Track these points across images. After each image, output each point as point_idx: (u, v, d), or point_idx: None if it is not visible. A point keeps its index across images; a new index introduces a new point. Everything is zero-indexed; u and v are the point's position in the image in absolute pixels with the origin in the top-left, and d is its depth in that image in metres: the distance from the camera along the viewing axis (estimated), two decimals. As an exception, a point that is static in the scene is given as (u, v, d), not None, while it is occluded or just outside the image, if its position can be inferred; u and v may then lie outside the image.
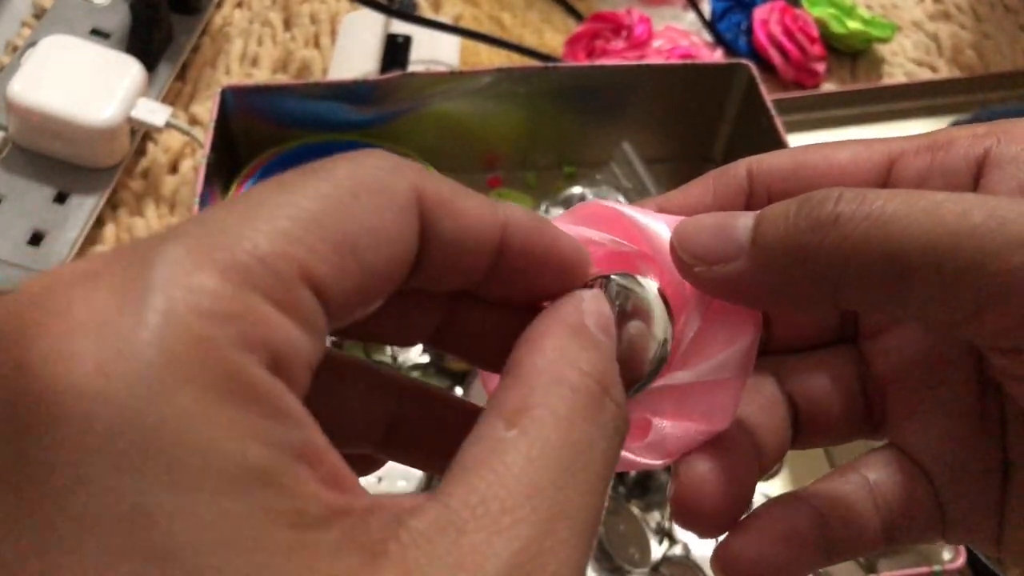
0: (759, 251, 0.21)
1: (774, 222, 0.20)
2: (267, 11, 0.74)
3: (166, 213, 0.62)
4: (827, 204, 0.20)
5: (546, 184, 0.64)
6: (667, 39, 0.73)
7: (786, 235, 0.20)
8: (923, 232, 0.19)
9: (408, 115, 0.60)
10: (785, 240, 0.20)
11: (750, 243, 0.21)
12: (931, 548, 0.44)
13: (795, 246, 0.20)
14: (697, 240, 0.21)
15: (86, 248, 0.59)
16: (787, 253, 0.20)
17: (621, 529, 0.48)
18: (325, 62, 0.70)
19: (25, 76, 0.58)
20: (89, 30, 0.67)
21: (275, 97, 0.57)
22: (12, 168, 0.59)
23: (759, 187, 0.24)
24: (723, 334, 0.22)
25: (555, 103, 0.61)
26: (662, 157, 0.64)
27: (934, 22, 0.81)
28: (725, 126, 0.64)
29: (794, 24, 0.74)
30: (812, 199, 0.20)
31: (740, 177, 0.24)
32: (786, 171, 0.24)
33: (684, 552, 0.48)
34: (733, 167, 0.24)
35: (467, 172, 0.63)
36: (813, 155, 0.24)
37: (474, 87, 0.59)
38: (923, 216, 0.19)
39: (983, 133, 0.23)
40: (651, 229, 0.23)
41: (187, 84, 0.69)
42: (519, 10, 0.77)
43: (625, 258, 0.23)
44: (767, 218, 0.21)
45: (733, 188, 0.24)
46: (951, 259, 0.18)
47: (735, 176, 0.24)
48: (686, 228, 0.22)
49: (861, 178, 0.23)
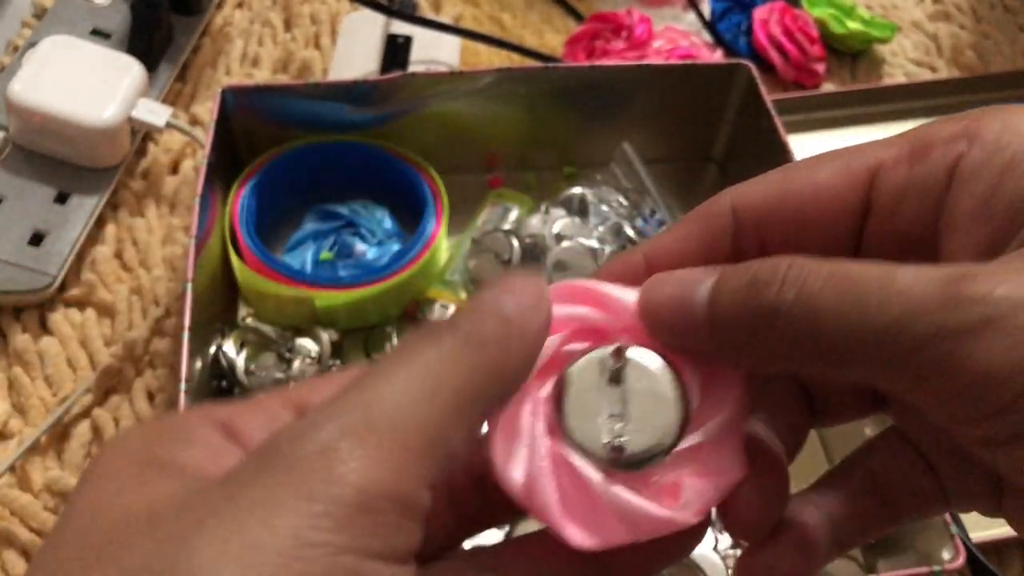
0: (716, 330, 0.22)
1: (727, 303, 0.21)
2: (267, 11, 0.74)
3: (167, 213, 0.62)
4: (770, 290, 0.20)
5: (546, 184, 0.64)
6: (667, 39, 0.73)
7: (737, 319, 0.21)
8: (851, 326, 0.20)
9: (408, 115, 0.60)
10: (737, 322, 0.21)
11: (707, 321, 0.22)
12: (931, 548, 0.45)
13: (747, 330, 0.21)
14: (660, 315, 0.23)
15: (87, 248, 0.59)
16: (741, 334, 0.21)
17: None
18: (325, 62, 0.71)
19: (26, 76, 0.58)
20: (90, 30, 0.67)
21: (276, 97, 0.57)
22: (13, 168, 0.59)
23: (746, 223, 0.24)
24: (719, 392, 0.24)
25: (555, 103, 0.61)
26: (662, 157, 0.64)
27: (934, 22, 0.81)
28: (725, 126, 0.64)
29: (794, 24, 0.74)
30: (758, 281, 0.21)
31: (725, 215, 0.24)
32: (771, 202, 0.24)
33: (684, 552, 0.48)
34: (716, 204, 0.25)
35: (467, 172, 0.64)
36: (796, 179, 0.24)
37: (474, 87, 0.59)
38: (852, 308, 0.20)
39: (958, 133, 0.23)
40: (625, 301, 0.24)
41: (187, 84, 0.69)
42: (519, 10, 0.77)
43: (610, 331, 0.24)
44: (721, 296, 0.21)
45: (718, 229, 0.25)
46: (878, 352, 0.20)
47: (719, 215, 0.25)
48: (649, 300, 0.23)
49: (844, 202, 0.24)
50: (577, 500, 0.22)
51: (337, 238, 0.59)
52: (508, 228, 0.59)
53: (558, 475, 0.22)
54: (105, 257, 0.59)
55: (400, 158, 0.59)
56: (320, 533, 0.17)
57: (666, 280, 0.23)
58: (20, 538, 0.48)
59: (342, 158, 0.60)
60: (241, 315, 0.57)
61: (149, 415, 0.53)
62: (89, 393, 0.53)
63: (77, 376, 0.54)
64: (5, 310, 0.57)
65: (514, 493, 0.22)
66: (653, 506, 0.22)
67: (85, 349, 0.55)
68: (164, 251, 0.60)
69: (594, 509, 0.22)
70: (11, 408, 0.53)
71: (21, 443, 0.51)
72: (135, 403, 0.53)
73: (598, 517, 0.22)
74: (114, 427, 0.52)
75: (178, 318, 0.56)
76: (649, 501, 0.22)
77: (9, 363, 0.55)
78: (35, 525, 0.49)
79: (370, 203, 0.60)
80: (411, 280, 0.55)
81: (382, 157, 0.60)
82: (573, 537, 0.22)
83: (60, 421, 0.52)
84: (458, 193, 0.59)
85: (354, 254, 0.58)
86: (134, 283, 0.58)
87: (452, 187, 0.59)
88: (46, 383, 0.54)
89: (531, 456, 0.22)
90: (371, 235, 0.59)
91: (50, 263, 0.56)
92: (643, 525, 0.22)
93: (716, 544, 0.49)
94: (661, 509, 0.22)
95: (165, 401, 0.53)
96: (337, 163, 0.60)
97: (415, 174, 0.59)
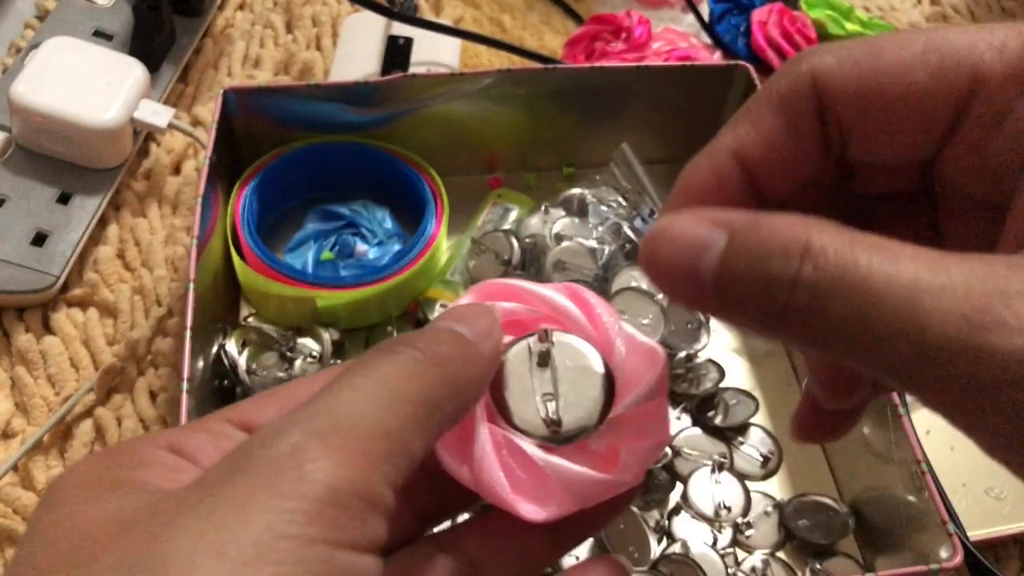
0: (723, 307, 0.20)
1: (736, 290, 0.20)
2: (269, 13, 0.74)
3: (168, 214, 0.62)
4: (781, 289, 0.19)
5: (546, 185, 0.65)
6: (666, 41, 0.73)
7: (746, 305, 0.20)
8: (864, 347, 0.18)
9: (409, 116, 0.60)
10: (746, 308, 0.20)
11: (714, 297, 0.20)
12: (929, 547, 0.45)
13: (755, 316, 0.20)
14: (663, 279, 0.21)
15: (89, 248, 0.59)
16: (748, 318, 0.20)
17: (620, 528, 0.49)
18: (327, 64, 0.71)
19: (28, 77, 0.58)
20: (92, 32, 0.67)
21: (277, 99, 0.57)
22: (15, 169, 0.60)
23: (832, 108, 0.22)
24: (642, 360, 0.26)
25: (555, 104, 0.61)
26: (661, 158, 0.64)
27: (931, 24, 0.82)
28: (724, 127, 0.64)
29: (792, 26, 0.74)
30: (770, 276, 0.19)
31: (807, 98, 0.22)
32: (859, 91, 0.22)
33: (683, 550, 0.48)
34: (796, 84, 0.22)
35: (467, 173, 0.64)
36: (887, 70, 0.21)
37: (474, 89, 0.59)
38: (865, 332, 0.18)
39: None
40: (548, 295, 0.26)
41: (189, 85, 0.70)
42: (519, 12, 0.77)
43: (532, 322, 0.27)
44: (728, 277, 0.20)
45: (804, 113, 0.23)
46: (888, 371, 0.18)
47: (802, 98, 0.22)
48: (651, 261, 0.21)
49: (936, 112, 0.21)
50: (524, 478, 0.24)
51: (338, 238, 0.59)
52: (508, 228, 0.59)
53: (502, 457, 0.24)
54: (107, 257, 0.59)
55: (401, 159, 0.60)
56: (292, 526, 0.18)
57: (670, 240, 0.21)
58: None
59: (343, 159, 0.60)
60: (243, 315, 0.57)
61: (151, 414, 0.53)
62: (92, 392, 0.53)
63: (80, 375, 0.55)
64: (8, 310, 0.57)
65: (464, 481, 0.24)
66: (595, 473, 0.24)
67: (87, 349, 0.56)
68: (166, 251, 0.60)
69: (541, 483, 0.24)
70: (14, 407, 0.54)
71: (24, 442, 0.52)
72: (137, 402, 0.53)
73: (546, 490, 0.24)
74: (116, 426, 0.52)
75: (180, 318, 0.56)
76: (591, 469, 0.24)
77: (12, 362, 0.55)
78: (38, 523, 0.49)
79: (371, 203, 0.60)
80: (412, 280, 0.55)
81: (383, 158, 0.60)
82: (526, 513, 0.23)
83: (63, 420, 0.53)
84: (458, 193, 0.60)
85: (355, 254, 0.58)
86: (136, 283, 0.58)
87: (452, 187, 0.59)
88: (49, 382, 0.54)
89: (475, 443, 0.24)
90: (372, 235, 0.59)
91: (53, 263, 0.57)
92: (589, 491, 0.24)
93: (715, 543, 0.49)
94: (603, 475, 0.24)
95: (167, 400, 0.54)
96: (338, 164, 0.60)
97: (416, 174, 0.59)
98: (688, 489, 0.51)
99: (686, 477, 0.51)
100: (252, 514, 0.18)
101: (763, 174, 0.24)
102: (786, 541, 0.50)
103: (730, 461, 0.52)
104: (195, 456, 0.22)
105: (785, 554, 0.50)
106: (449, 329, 0.23)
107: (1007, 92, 0.20)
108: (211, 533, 0.18)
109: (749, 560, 0.49)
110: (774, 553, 0.49)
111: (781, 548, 0.50)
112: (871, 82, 0.22)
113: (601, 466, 0.25)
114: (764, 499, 0.51)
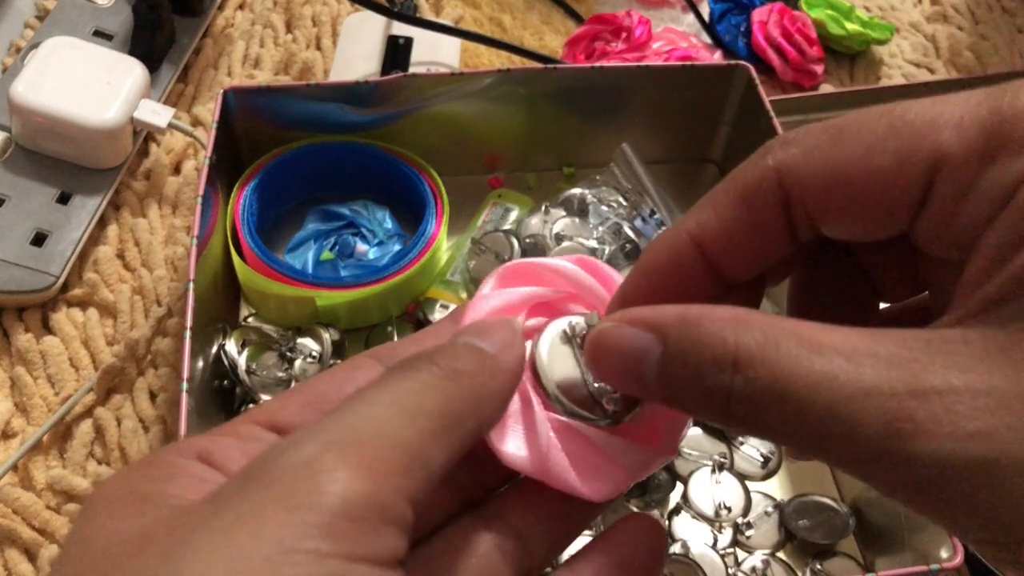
0: (676, 407, 0.22)
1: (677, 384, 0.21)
2: (269, 13, 0.74)
3: (168, 214, 0.62)
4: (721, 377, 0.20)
5: (546, 185, 0.65)
6: (666, 41, 0.73)
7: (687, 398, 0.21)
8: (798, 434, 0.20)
9: (409, 116, 0.60)
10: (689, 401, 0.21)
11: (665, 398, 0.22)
12: (929, 547, 0.45)
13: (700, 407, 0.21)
14: (616, 383, 0.24)
15: (89, 248, 0.59)
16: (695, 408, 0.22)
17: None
18: (327, 64, 0.71)
19: (28, 77, 0.58)
20: (92, 31, 0.67)
21: (277, 98, 0.57)
22: (15, 169, 0.60)
23: (796, 198, 0.23)
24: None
25: (555, 104, 0.61)
26: (661, 158, 0.64)
27: (932, 24, 0.82)
28: (724, 127, 0.64)
29: (792, 26, 0.74)
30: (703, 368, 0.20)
31: (772, 191, 0.23)
32: (823, 179, 0.22)
33: (683, 550, 0.48)
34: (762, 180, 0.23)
35: (468, 173, 0.64)
36: (849, 158, 0.22)
37: (475, 88, 0.59)
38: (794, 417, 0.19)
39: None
40: (570, 270, 0.27)
41: (189, 85, 0.70)
42: (519, 12, 0.77)
43: (560, 302, 0.27)
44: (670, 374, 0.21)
45: (767, 204, 0.23)
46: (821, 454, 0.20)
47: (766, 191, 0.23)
48: (601, 367, 0.23)
49: (901, 193, 0.22)
50: (585, 460, 0.25)
51: (338, 238, 0.59)
52: (508, 228, 0.59)
53: (565, 443, 0.25)
54: (107, 257, 0.59)
55: (401, 159, 0.60)
56: (306, 540, 0.18)
57: (609, 349, 0.23)
58: (22, 537, 0.49)
59: (343, 159, 0.60)
60: (243, 315, 0.57)
61: (151, 414, 0.53)
62: (91, 392, 0.53)
63: (79, 375, 0.55)
64: (8, 310, 0.57)
65: (525, 469, 0.24)
66: (648, 450, 0.25)
67: (87, 349, 0.56)
68: (166, 251, 0.60)
69: (601, 464, 0.25)
70: (13, 407, 0.54)
71: (24, 442, 0.52)
72: (137, 402, 0.53)
73: (606, 471, 0.25)
74: (116, 426, 0.52)
75: (180, 318, 0.56)
76: (644, 446, 0.25)
77: (12, 362, 0.55)
78: (37, 524, 0.49)
79: (371, 203, 0.60)
80: (412, 280, 0.55)
81: (383, 158, 0.60)
82: (591, 493, 0.24)
83: (62, 420, 0.53)
84: (458, 193, 0.60)
85: (355, 254, 0.58)
86: (136, 283, 0.58)
87: (452, 187, 0.59)
88: (48, 382, 0.54)
89: (537, 432, 0.24)
90: (372, 235, 0.59)
91: (52, 263, 0.57)
92: (642, 467, 0.25)
93: (715, 543, 0.49)
94: (653, 452, 0.25)
95: (167, 400, 0.54)
96: (338, 164, 0.60)
97: (416, 174, 0.59)
98: (688, 489, 0.51)
99: (686, 477, 0.51)
100: (265, 528, 0.18)
101: (723, 259, 0.24)
102: (786, 541, 0.50)
103: (730, 461, 0.52)
104: (222, 463, 0.22)
105: (785, 554, 0.50)
106: (468, 344, 0.23)
107: (968, 170, 0.21)
108: (224, 549, 0.18)
109: (749, 560, 0.49)
110: (774, 553, 0.49)
111: (781, 548, 0.50)
112: (836, 171, 0.22)
113: (646, 441, 0.26)
114: (764, 499, 0.51)
